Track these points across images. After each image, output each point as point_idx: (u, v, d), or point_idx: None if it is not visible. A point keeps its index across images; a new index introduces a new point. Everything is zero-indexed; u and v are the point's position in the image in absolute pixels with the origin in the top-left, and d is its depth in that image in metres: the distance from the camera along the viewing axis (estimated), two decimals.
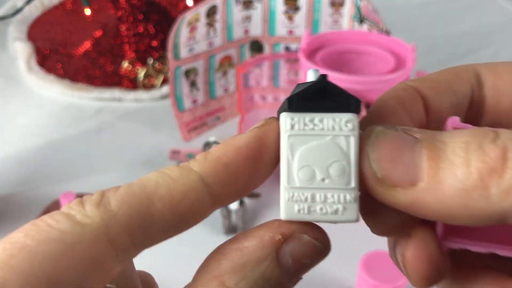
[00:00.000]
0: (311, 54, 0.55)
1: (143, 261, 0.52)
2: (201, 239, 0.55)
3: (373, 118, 0.17)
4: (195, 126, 0.68)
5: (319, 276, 0.51)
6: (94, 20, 0.88)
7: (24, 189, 0.60)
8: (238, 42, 0.67)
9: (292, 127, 0.16)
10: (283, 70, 0.68)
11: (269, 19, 0.66)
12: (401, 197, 0.15)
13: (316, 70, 0.17)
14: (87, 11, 0.85)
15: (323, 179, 0.16)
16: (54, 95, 0.76)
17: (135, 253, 0.16)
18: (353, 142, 0.15)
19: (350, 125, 0.16)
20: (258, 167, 0.17)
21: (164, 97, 0.75)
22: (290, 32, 0.66)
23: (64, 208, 0.16)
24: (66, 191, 0.52)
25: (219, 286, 0.16)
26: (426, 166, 0.14)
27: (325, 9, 0.64)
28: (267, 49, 0.68)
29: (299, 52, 0.54)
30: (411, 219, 0.16)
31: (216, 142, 0.55)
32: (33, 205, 0.56)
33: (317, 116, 0.16)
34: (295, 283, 0.17)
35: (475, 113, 0.18)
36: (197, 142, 0.66)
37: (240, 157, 0.16)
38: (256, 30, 0.67)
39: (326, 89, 0.16)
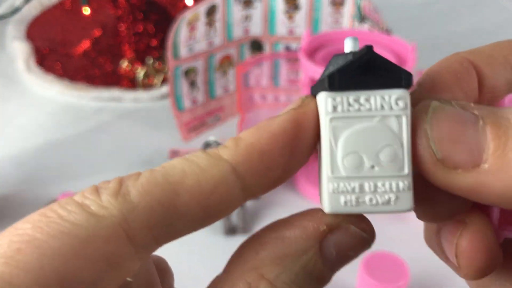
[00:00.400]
0: (311, 54, 0.55)
1: None
2: (201, 239, 0.55)
3: (425, 92, 0.15)
4: (195, 126, 0.68)
5: None
6: (93, 19, 0.87)
7: (23, 189, 0.60)
8: (238, 42, 0.67)
9: (335, 108, 0.14)
10: (283, 70, 0.68)
11: (269, 19, 0.66)
12: (463, 180, 0.13)
13: (355, 39, 0.14)
14: (86, 10, 0.85)
15: (372, 167, 0.14)
16: (53, 94, 0.75)
17: (155, 249, 0.15)
18: (405, 122, 0.14)
19: (401, 103, 0.14)
20: (295, 154, 0.15)
21: (163, 96, 0.74)
22: (290, 31, 0.66)
23: (77, 197, 0.14)
24: (65, 191, 0.52)
25: (258, 279, 0.14)
26: (492, 146, 0.13)
27: (326, 8, 0.64)
28: (267, 49, 0.68)
29: (299, 51, 0.54)
30: (465, 204, 0.15)
31: (216, 142, 0.55)
32: (32, 205, 0.56)
33: (363, 95, 0.14)
34: (333, 275, 0.16)
35: None
36: (196, 142, 0.66)
37: (276, 144, 0.14)
38: (256, 29, 0.66)
39: (372, 62, 0.14)
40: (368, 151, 0.14)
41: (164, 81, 0.76)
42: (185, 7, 0.83)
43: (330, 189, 0.14)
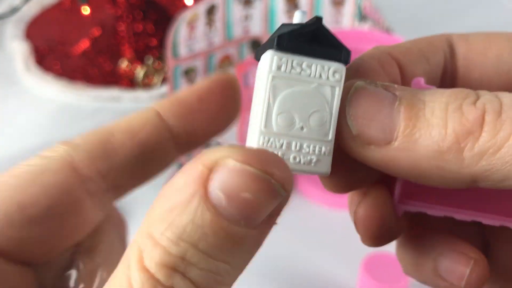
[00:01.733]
0: None
1: None
2: None
3: (354, 73, 0.16)
4: None
5: (320, 277, 0.50)
6: (92, 19, 0.87)
7: None
8: (237, 41, 0.67)
9: (279, 68, 0.15)
10: None
11: (269, 18, 0.65)
12: (376, 155, 0.14)
13: (304, 12, 0.15)
14: (85, 10, 0.85)
15: (302, 128, 0.15)
16: (52, 94, 0.75)
17: (109, 194, 0.18)
18: (337, 93, 0.15)
19: (337, 76, 0.15)
20: (213, 108, 0.18)
21: (163, 96, 0.74)
22: None
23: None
24: None
25: (146, 239, 0.13)
26: (403, 125, 0.14)
27: (326, 7, 0.64)
28: None
29: None
30: (369, 177, 0.16)
31: (216, 141, 0.54)
32: None
33: (305, 61, 0.15)
34: (259, 230, 0.14)
35: (448, 82, 0.18)
36: None
37: (195, 95, 0.18)
38: (256, 29, 0.66)
39: (319, 33, 0.15)
40: (300, 113, 0.15)
41: (163, 80, 0.76)
42: (185, 6, 0.83)
43: (260, 142, 0.15)
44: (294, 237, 0.53)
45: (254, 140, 0.15)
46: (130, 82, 0.76)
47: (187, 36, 0.60)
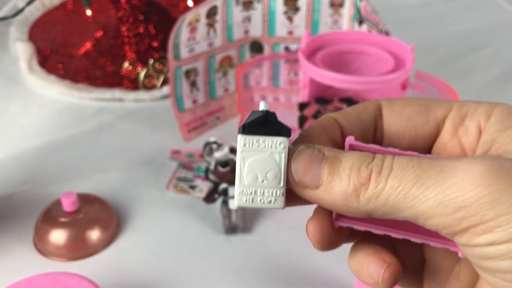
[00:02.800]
0: (310, 55, 0.55)
1: (144, 260, 0.52)
2: (201, 239, 0.55)
3: (303, 138, 0.24)
4: (195, 126, 0.68)
5: (319, 276, 0.51)
6: (94, 20, 0.88)
7: (25, 189, 0.60)
8: (238, 43, 0.67)
9: (244, 145, 0.23)
10: (283, 71, 0.68)
11: (269, 20, 0.66)
12: (309, 195, 0.22)
13: (266, 102, 0.24)
14: (87, 12, 0.86)
15: (262, 180, 0.23)
16: (55, 95, 0.76)
17: None
18: (283, 157, 0.23)
19: (282, 146, 0.23)
20: None
21: (164, 97, 0.75)
22: (290, 32, 0.67)
23: None
24: (67, 191, 0.52)
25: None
26: (325, 177, 0.22)
27: (325, 9, 0.65)
28: (267, 50, 0.68)
29: (299, 52, 0.55)
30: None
31: (215, 142, 0.55)
32: (34, 205, 0.57)
33: (261, 138, 0.23)
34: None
35: (379, 136, 0.25)
36: (197, 142, 0.66)
37: None
38: (256, 30, 0.67)
39: (268, 120, 0.23)
40: (261, 171, 0.23)
41: (164, 81, 0.76)
42: (186, 8, 0.84)
43: (238, 192, 0.23)
44: (294, 237, 0.54)
45: (235, 190, 0.23)
46: (131, 83, 0.77)
47: (188, 38, 0.61)
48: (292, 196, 0.23)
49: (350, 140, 0.23)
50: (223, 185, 0.54)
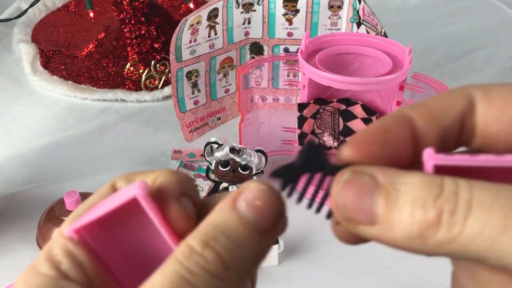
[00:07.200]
0: (310, 56, 0.56)
1: None
2: None
3: (352, 147, 0.19)
4: (197, 126, 0.69)
5: (318, 272, 0.51)
6: (97, 22, 0.89)
7: (28, 188, 0.61)
8: (238, 44, 0.68)
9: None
10: (283, 72, 0.69)
11: (269, 22, 0.67)
12: (365, 232, 0.18)
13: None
14: (91, 14, 0.86)
15: None
16: (58, 96, 0.77)
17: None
18: None
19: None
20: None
21: (166, 98, 0.76)
22: (290, 34, 0.67)
23: None
24: (70, 190, 0.53)
25: (186, 248, 0.18)
26: (381, 214, 0.17)
27: (324, 11, 0.65)
28: (267, 51, 0.69)
29: (298, 53, 0.55)
30: None
31: (216, 143, 0.56)
32: (37, 204, 0.57)
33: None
34: (267, 237, 0.18)
35: (467, 136, 0.20)
36: (198, 142, 0.67)
37: None
38: (256, 32, 0.68)
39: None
40: None
41: (166, 82, 0.77)
42: (187, 10, 0.85)
43: None
44: (293, 235, 0.55)
45: None
46: (133, 84, 0.78)
47: (190, 40, 0.62)
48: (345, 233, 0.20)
49: (430, 155, 0.18)
50: (224, 185, 0.55)
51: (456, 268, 0.21)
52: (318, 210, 0.21)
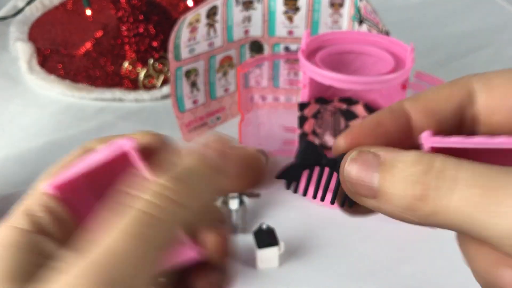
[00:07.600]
0: (310, 55, 0.55)
1: None
2: None
3: (352, 134, 0.21)
4: (196, 126, 0.68)
5: (318, 272, 0.51)
6: (94, 20, 0.88)
7: (25, 189, 0.59)
8: (238, 43, 0.67)
9: None
10: (283, 71, 0.68)
11: (269, 20, 0.66)
12: (368, 203, 0.20)
13: None
14: (89, 12, 0.86)
15: None
16: (55, 95, 0.76)
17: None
18: None
19: None
20: None
21: (164, 97, 0.75)
22: (290, 32, 0.67)
23: None
24: None
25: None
26: (380, 190, 0.19)
27: (325, 9, 0.65)
28: (267, 50, 0.68)
29: (299, 52, 0.55)
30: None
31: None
32: None
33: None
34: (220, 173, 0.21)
35: (469, 125, 0.21)
36: None
37: None
38: (256, 30, 0.67)
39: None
40: None
41: (165, 81, 0.76)
42: (186, 8, 0.84)
43: None
44: (293, 236, 0.54)
45: None
46: (132, 83, 0.77)
47: (188, 38, 0.61)
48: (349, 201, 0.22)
49: (426, 138, 0.20)
50: None
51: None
52: (323, 198, 0.23)
